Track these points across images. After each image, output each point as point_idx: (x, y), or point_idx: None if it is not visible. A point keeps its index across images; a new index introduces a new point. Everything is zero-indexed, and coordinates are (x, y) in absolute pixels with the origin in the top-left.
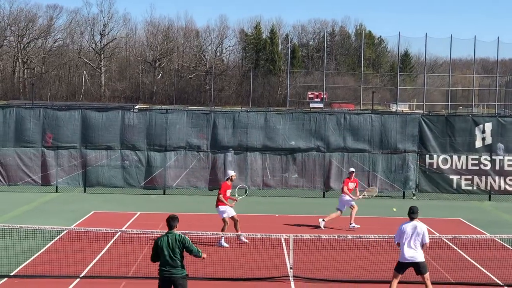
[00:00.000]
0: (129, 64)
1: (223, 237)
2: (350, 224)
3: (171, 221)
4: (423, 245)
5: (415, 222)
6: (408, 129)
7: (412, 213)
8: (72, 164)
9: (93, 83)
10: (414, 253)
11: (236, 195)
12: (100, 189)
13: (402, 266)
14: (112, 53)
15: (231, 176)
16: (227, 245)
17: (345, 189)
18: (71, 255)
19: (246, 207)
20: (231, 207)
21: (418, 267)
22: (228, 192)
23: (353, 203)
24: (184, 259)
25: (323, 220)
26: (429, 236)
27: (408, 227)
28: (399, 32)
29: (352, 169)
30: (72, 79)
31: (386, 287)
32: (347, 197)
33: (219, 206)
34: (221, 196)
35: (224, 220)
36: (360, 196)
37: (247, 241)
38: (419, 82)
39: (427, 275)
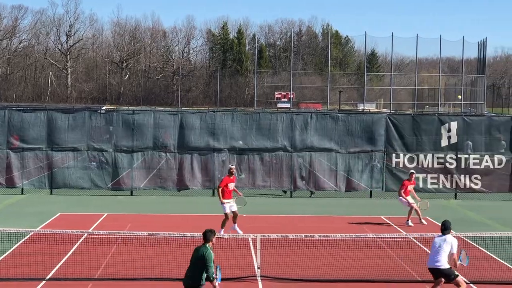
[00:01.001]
0: (96, 65)
1: (222, 230)
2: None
3: (206, 234)
4: (451, 255)
5: (446, 236)
6: (375, 128)
7: (444, 230)
8: (38, 165)
9: (59, 84)
10: (435, 260)
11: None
12: (66, 191)
13: (431, 272)
14: (78, 54)
15: (230, 169)
16: (240, 231)
17: (401, 192)
18: (37, 258)
19: (213, 207)
20: (229, 202)
21: (442, 274)
22: (231, 186)
23: (411, 202)
24: (204, 275)
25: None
26: (396, 235)
27: (438, 239)
28: (365, 32)
29: (411, 171)
30: (38, 80)
31: (353, 285)
32: (403, 199)
33: (222, 200)
34: (219, 189)
35: (225, 214)
36: (415, 205)
37: (241, 232)
38: (386, 82)
39: (457, 280)
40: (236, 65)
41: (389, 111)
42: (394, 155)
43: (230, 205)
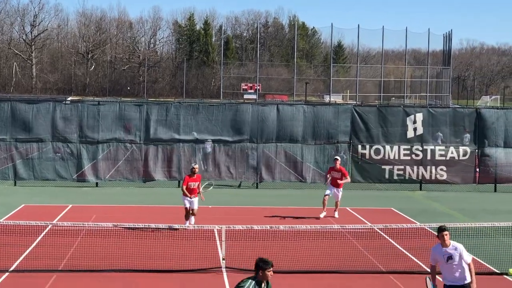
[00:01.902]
0: (61, 55)
1: (187, 222)
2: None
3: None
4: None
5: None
6: (341, 119)
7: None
8: (1, 157)
9: (24, 74)
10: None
11: (201, 189)
12: (31, 182)
13: None
14: (43, 44)
15: (193, 168)
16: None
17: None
18: (0, 249)
19: (178, 199)
20: (190, 198)
21: None
22: (193, 184)
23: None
24: None
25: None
26: (361, 226)
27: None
28: (332, 24)
29: (335, 157)
30: (2, 71)
31: (319, 276)
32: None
33: (182, 197)
34: (183, 188)
35: (185, 208)
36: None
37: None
38: (352, 73)
39: None
40: (203, 57)
41: (355, 102)
42: (360, 146)
43: (190, 201)
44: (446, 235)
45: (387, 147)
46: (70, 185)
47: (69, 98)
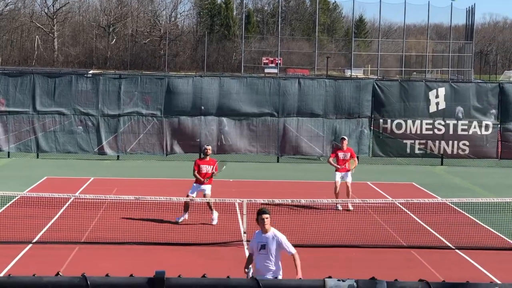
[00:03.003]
0: (82, 29)
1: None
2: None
3: None
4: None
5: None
6: (362, 94)
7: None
8: (24, 129)
9: (46, 48)
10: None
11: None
12: (53, 155)
13: None
14: (65, 17)
15: (205, 149)
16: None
17: (330, 160)
18: (23, 221)
19: None
20: (203, 183)
21: None
22: (205, 168)
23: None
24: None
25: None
26: (382, 201)
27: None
28: None
29: (342, 136)
30: (25, 44)
31: (339, 250)
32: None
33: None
34: (194, 172)
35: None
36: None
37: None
38: (374, 48)
39: None
40: (224, 30)
41: (376, 77)
42: (381, 121)
43: (198, 189)
44: (266, 218)
45: (409, 122)
46: (91, 158)
47: (90, 72)
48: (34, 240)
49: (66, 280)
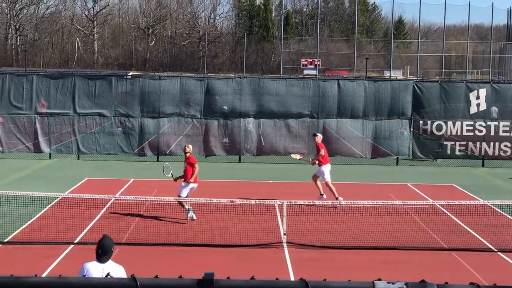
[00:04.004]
0: (122, 31)
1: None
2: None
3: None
4: None
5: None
6: (402, 95)
7: (103, 255)
8: (65, 131)
9: (86, 50)
10: None
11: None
12: (93, 156)
13: None
14: (105, 20)
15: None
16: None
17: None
18: (65, 222)
19: (239, 174)
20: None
21: None
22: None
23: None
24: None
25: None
26: (423, 202)
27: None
28: None
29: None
30: (65, 46)
31: (380, 252)
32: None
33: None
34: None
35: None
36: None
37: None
38: (413, 49)
39: None
40: (263, 32)
41: (415, 78)
42: (421, 122)
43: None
44: None
45: (449, 123)
46: (131, 159)
47: (130, 73)
48: (76, 241)
49: (116, 281)
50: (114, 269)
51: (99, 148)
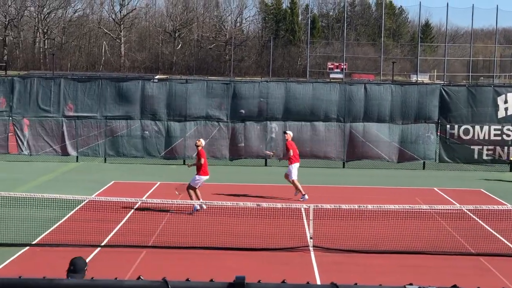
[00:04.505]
0: (148, 34)
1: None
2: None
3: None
4: None
5: None
6: (429, 99)
7: (74, 272)
8: (92, 134)
9: (112, 53)
10: None
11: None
12: (120, 159)
13: None
14: (132, 23)
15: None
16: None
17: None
18: (92, 224)
19: (266, 177)
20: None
21: None
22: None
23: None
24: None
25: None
26: (450, 207)
27: None
28: (420, 2)
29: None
30: (92, 50)
31: (406, 257)
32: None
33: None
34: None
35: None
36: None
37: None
38: (440, 53)
39: None
40: (289, 35)
41: (442, 82)
42: (448, 126)
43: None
44: None
45: (477, 127)
46: (158, 163)
47: (156, 77)
48: (103, 244)
49: (147, 284)
50: None
51: (125, 151)
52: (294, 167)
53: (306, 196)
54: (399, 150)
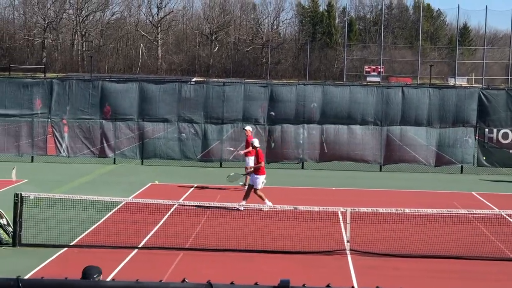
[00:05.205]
0: (185, 37)
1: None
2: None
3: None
4: None
5: None
6: (467, 103)
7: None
8: (129, 136)
9: (150, 56)
10: None
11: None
12: (157, 161)
13: None
14: (169, 26)
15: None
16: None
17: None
18: (129, 226)
19: (302, 180)
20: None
21: None
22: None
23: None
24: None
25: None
26: (488, 211)
27: None
28: (458, 5)
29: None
30: (129, 52)
31: (444, 261)
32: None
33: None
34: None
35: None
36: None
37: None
38: (478, 56)
39: None
40: (326, 38)
41: (481, 85)
42: (487, 130)
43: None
44: None
45: None
46: (195, 165)
47: (193, 79)
48: (140, 245)
49: (192, 286)
50: None
51: (162, 153)
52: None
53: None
54: (437, 154)
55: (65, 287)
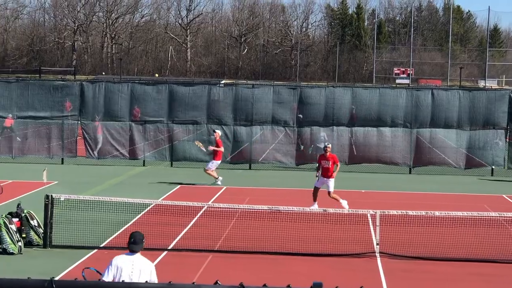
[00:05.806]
0: (215, 39)
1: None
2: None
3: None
4: None
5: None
6: (498, 105)
7: (134, 243)
8: (159, 138)
9: (179, 58)
10: None
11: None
12: (186, 163)
13: None
14: (198, 28)
15: (325, 147)
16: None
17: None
18: (158, 228)
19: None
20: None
21: None
22: (325, 163)
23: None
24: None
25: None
26: None
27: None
28: (489, 7)
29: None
30: (159, 55)
31: (475, 265)
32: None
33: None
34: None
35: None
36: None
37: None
38: (509, 58)
39: None
40: (355, 41)
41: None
42: None
43: (320, 181)
44: None
45: None
46: (224, 167)
47: (223, 81)
48: (169, 247)
49: None
50: (143, 263)
51: (192, 156)
52: (217, 163)
53: (219, 180)
54: (467, 156)
55: None
